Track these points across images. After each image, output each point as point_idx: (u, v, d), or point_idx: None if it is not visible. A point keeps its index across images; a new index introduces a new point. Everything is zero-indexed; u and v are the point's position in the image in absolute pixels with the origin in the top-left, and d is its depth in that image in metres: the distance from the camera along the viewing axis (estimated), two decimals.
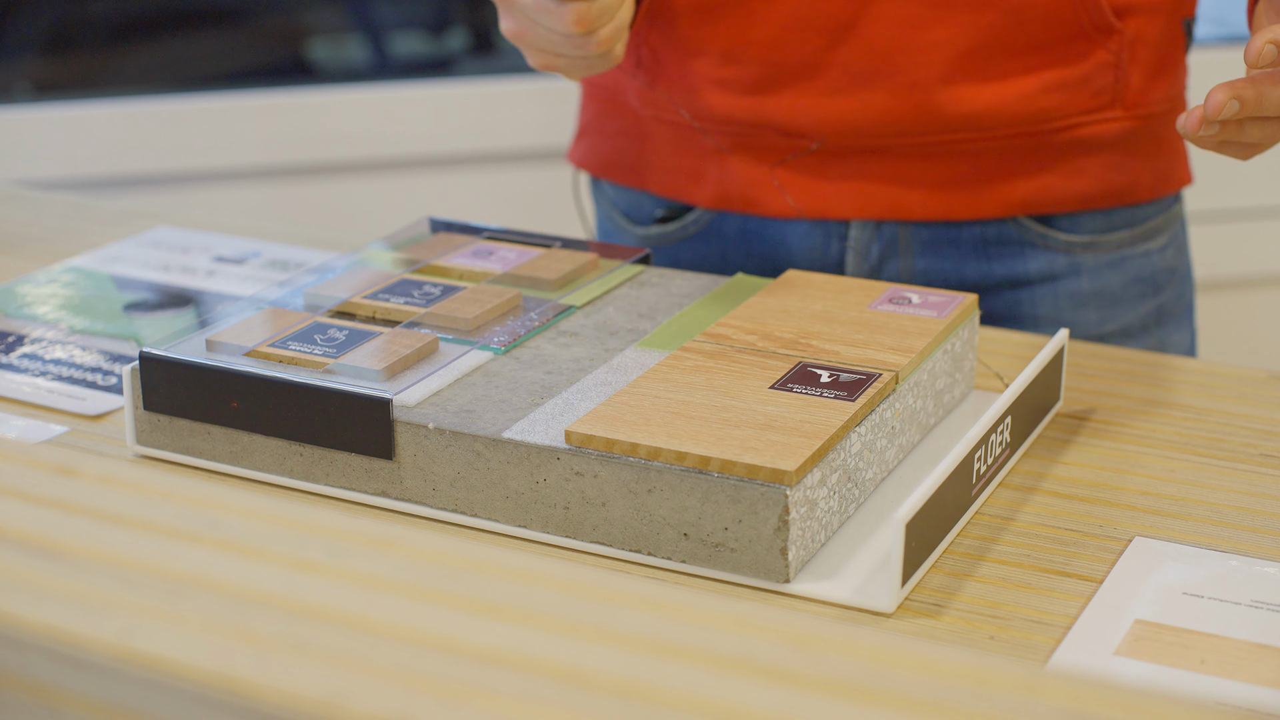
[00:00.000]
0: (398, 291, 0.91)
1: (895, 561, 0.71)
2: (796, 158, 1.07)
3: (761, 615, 0.44)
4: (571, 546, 0.77)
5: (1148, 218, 1.11)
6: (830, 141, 1.06)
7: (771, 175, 1.08)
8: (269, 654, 0.42)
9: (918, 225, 1.08)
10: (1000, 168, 1.06)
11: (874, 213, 1.08)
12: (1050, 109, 1.05)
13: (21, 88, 2.22)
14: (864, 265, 1.09)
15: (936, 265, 1.09)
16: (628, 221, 1.18)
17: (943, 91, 1.03)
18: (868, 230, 1.09)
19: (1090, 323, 1.10)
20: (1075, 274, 1.09)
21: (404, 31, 2.44)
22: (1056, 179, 1.07)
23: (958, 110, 1.03)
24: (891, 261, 1.09)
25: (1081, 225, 1.09)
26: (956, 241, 1.09)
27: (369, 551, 0.48)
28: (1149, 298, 1.12)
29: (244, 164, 2.09)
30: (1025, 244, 1.08)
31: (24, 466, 0.53)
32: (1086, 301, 1.10)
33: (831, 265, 1.10)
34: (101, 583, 0.46)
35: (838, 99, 1.04)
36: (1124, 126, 1.07)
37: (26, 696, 0.45)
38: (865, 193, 1.07)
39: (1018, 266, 1.09)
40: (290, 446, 0.82)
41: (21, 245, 1.19)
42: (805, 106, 1.04)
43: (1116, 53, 1.05)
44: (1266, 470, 0.85)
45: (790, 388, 0.79)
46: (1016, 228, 1.08)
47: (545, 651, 0.42)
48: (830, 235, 1.10)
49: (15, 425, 0.89)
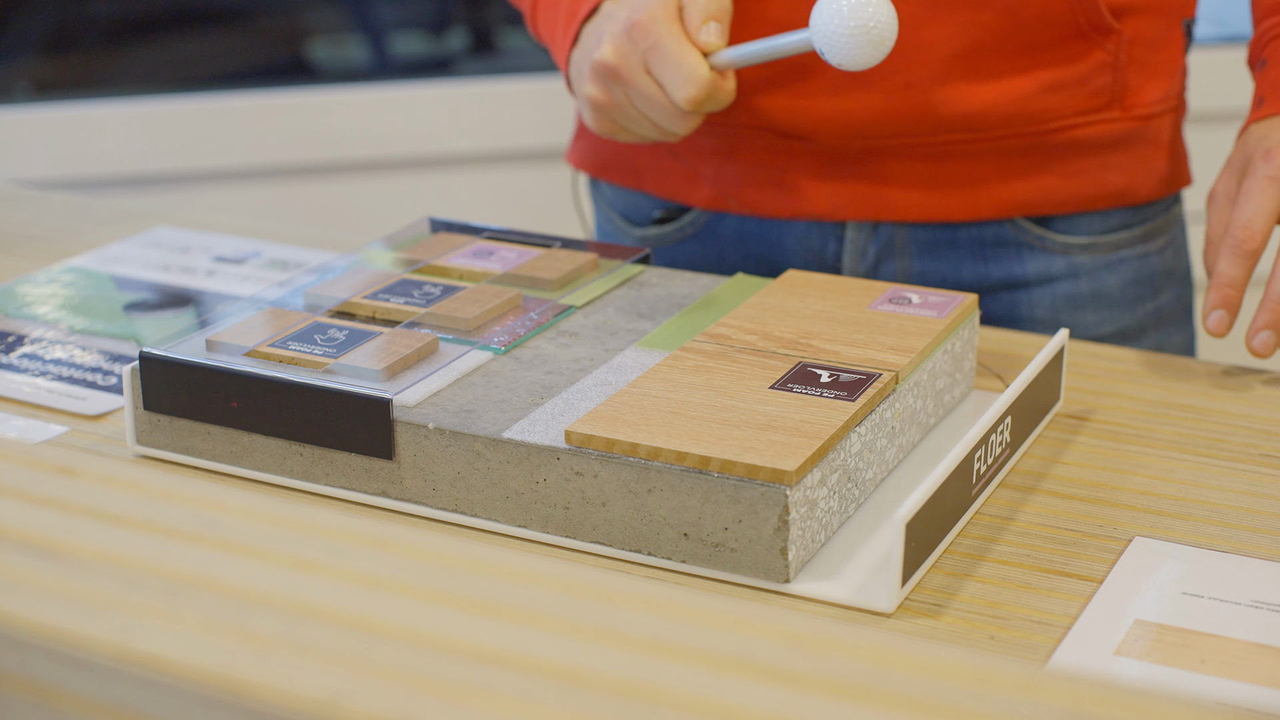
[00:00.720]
0: (398, 291, 0.91)
1: (895, 561, 0.71)
2: (793, 159, 1.07)
3: (761, 615, 0.44)
4: (571, 546, 0.77)
5: (1146, 219, 1.11)
6: (826, 142, 1.06)
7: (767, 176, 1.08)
8: (269, 654, 0.42)
9: (914, 226, 1.08)
10: (997, 169, 1.06)
11: (871, 214, 1.08)
12: (1047, 110, 1.04)
13: (21, 88, 2.22)
14: (861, 266, 1.09)
15: (933, 267, 1.09)
16: (626, 222, 1.18)
17: (939, 92, 1.03)
18: (864, 231, 1.09)
19: (1088, 325, 1.10)
20: (1073, 276, 1.09)
21: (404, 31, 2.44)
22: (1054, 180, 1.07)
23: (954, 110, 1.03)
24: (888, 263, 1.09)
25: (1079, 227, 1.09)
26: (953, 243, 1.09)
27: (369, 551, 0.48)
28: (1147, 300, 1.12)
29: (244, 164, 2.09)
30: (1022, 246, 1.08)
31: (24, 466, 0.53)
32: (1084, 303, 1.10)
33: (828, 266, 1.10)
34: (101, 583, 0.46)
35: (834, 99, 1.04)
36: (1122, 127, 1.07)
37: (26, 696, 0.45)
38: (861, 194, 1.07)
39: (1015, 268, 1.09)
40: (290, 446, 0.82)
41: (21, 245, 1.19)
42: (802, 107, 1.04)
43: (1114, 53, 1.05)
44: (1266, 470, 0.85)
45: (790, 388, 0.79)
46: (1014, 229, 1.08)
47: (545, 651, 0.42)
48: (827, 236, 1.09)
49: (15, 425, 0.89)
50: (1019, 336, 1.01)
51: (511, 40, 2.40)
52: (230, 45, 2.35)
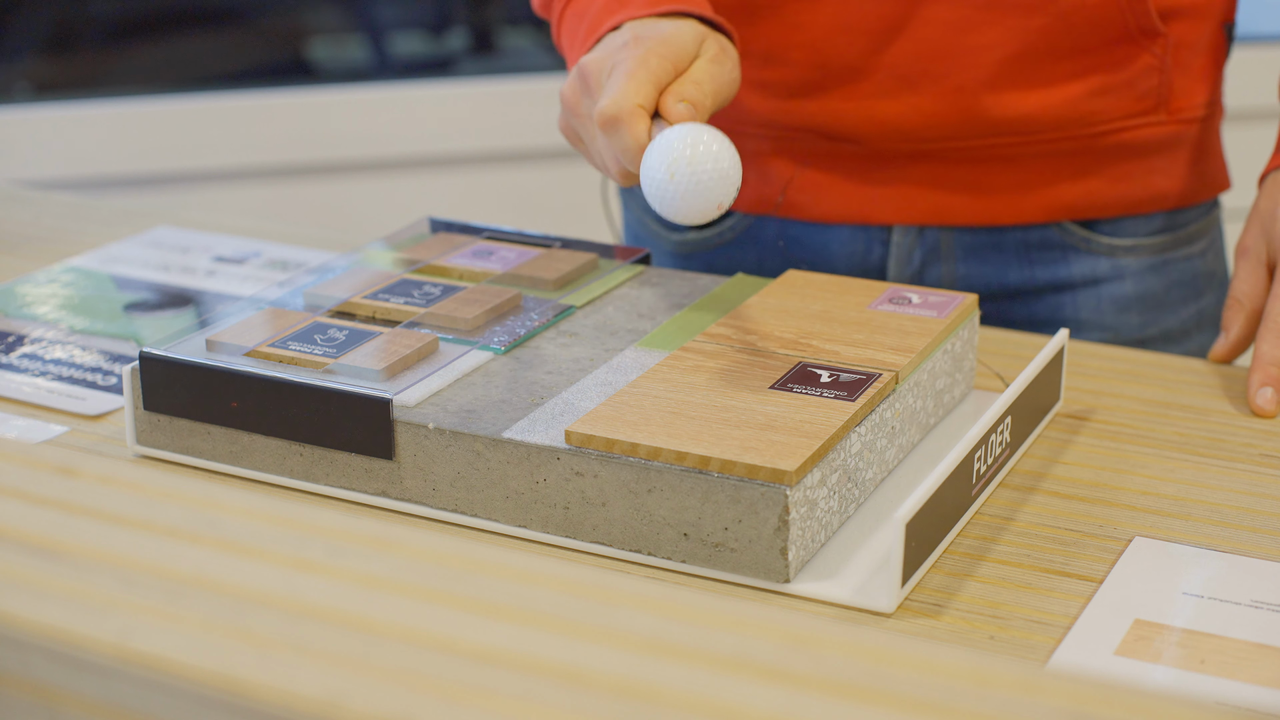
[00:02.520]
0: (398, 291, 0.91)
1: (895, 561, 0.71)
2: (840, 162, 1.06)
3: (761, 615, 0.44)
4: (571, 546, 0.77)
5: (1188, 222, 1.11)
6: (874, 145, 1.05)
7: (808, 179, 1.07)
8: (269, 654, 0.42)
9: (960, 230, 1.08)
10: (1044, 172, 1.06)
11: (917, 218, 1.07)
12: (1095, 113, 1.04)
13: (21, 88, 2.22)
14: (906, 270, 1.09)
15: (979, 270, 1.09)
16: (661, 227, 1.16)
17: (988, 95, 1.02)
18: (910, 235, 1.08)
19: (1133, 327, 1.09)
20: (1118, 278, 1.09)
21: (404, 31, 2.44)
22: (1101, 184, 1.06)
23: (1003, 114, 1.03)
24: (934, 266, 1.09)
25: (1124, 229, 1.09)
26: (999, 246, 1.08)
27: (369, 551, 0.48)
28: (1190, 302, 1.12)
29: (244, 164, 2.09)
30: (1068, 248, 1.08)
31: (24, 466, 0.53)
32: (1129, 305, 1.09)
33: (873, 270, 1.09)
34: (101, 583, 0.46)
35: (882, 102, 1.03)
36: (1167, 131, 1.07)
37: (26, 696, 0.45)
38: (908, 197, 1.07)
39: (1060, 271, 1.08)
40: (290, 446, 0.82)
41: (21, 245, 1.19)
42: (849, 110, 1.04)
43: (1161, 56, 1.04)
44: (1266, 470, 0.85)
45: (790, 388, 0.79)
46: (1060, 232, 1.08)
47: (545, 651, 0.42)
48: (872, 240, 1.09)
49: (15, 425, 0.89)
50: (1019, 336, 1.01)
51: (511, 40, 2.40)
52: (230, 45, 2.35)
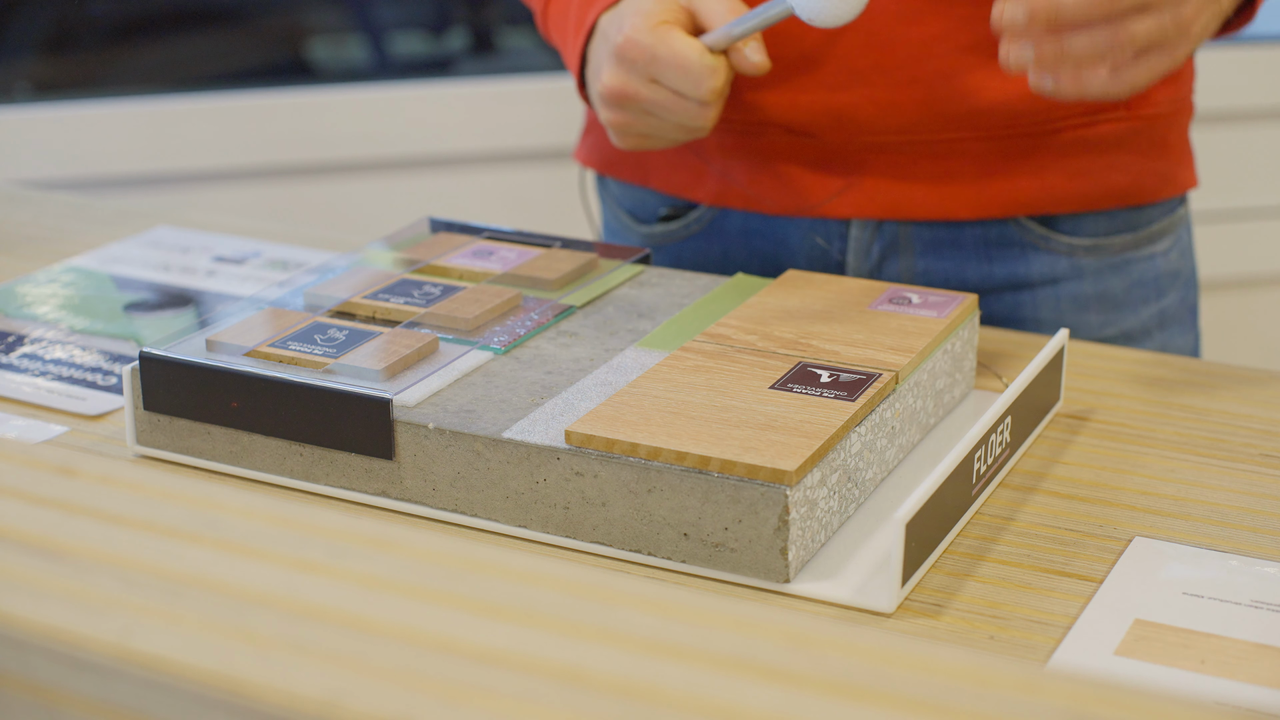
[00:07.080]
0: (398, 291, 0.91)
1: (895, 561, 0.71)
2: (797, 155, 1.07)
3: (761, 615, 0.44)
4: (571, 546, 0.77)
5: (1151, 221, 1.11)
6: (831, 138, 1.06)
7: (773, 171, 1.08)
8: (269, 654, 0.42)
9: (919, 225, 1.08)
10: (1002, 167, 1.06)
11: (875, 212, 1.08)
12: (1053, 107, 1.04)
13: (21, 88, 2.22)
14: (864, 265, 1.09)
15: (937, 266, 1.09)
16: (632, 219, 1.18)
17: (944, 87, 1.03)
18: (868, 229, 1.09)
19: (1091, 326, 1.10)
20: (1077, 277, 1.09)
21: (404, 31, 2.44)
22: (1059, 179, 1.07)
23: (959, 108, 1.03)
24: (892, 261, 1.09)
25: (1083, 228, 1.09)
26: (958, 242, 1.08)
27: (369, 551, 0.48)
28: (1151, 302, 1.12)
29: (244, 164, 2.09)
30: (1027, 246, 1.08)
31: (24, 466, 0.53)
32: (1088, 305, 1.09)
33: (832, 264, 1.10)
34: (101, 583, 0.46)
35: (837, 94, 1.04)
36: (1128, 127, 1.07)
37: (26, 696, 0.45)
38: (866, 191, 1.07)
39: (1019, 268, 1.09)
40: (290, 446, 0.82)
41: (21, 245, 1.19)
42: (805, 102, 1.04)
43: None
44: (1266, 470, 0.85)
45: (790, 388, 0.79)
46: (1018, 229, 1.08)
47: (545, 651, 0.42)
48: (831, 234, 1.09)
49: (15, 425, 0.89)
50: (1019, 336, 1.01)
51: (511, 40, 2.40)
52: (230, 45, 2.35)
